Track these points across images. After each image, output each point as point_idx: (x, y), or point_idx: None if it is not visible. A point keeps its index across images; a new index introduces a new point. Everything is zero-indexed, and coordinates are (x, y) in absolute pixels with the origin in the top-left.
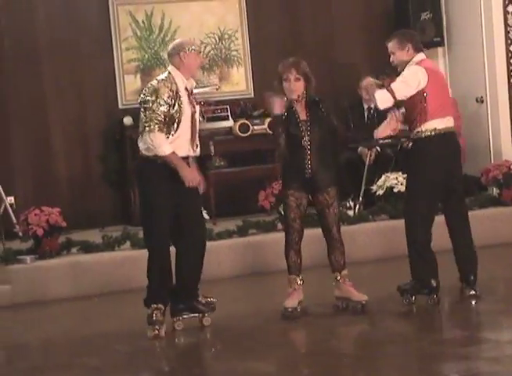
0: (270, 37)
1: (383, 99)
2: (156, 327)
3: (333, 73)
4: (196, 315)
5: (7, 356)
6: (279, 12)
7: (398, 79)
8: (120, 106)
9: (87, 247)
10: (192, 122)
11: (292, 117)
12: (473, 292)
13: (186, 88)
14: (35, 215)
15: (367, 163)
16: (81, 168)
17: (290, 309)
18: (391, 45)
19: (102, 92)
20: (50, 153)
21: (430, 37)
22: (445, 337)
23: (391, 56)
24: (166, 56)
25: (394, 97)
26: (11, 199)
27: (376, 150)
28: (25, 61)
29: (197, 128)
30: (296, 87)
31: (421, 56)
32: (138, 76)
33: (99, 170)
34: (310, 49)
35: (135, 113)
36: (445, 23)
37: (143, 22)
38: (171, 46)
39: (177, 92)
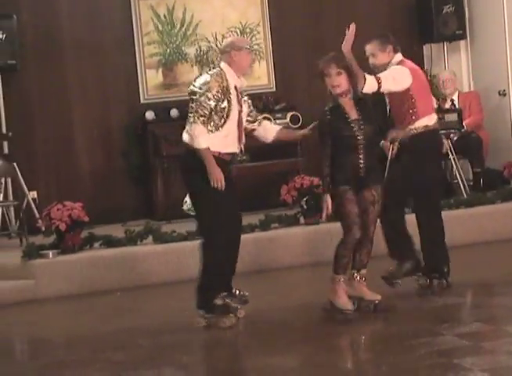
0: (292, 31)
1: (370, 84)
2: (232, 314)
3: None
4: None
5: (31, 351)
6: (301, 7)
7: (387, 72)
8: (142, 101)
9: (109, 242)
10: (238, 120)
11: (341, 117)
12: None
13: (236, 87)
14: (58, 209)
15: (389, 157)
16: (104, 163)
17: (349, 312)
18: (372, 48)
19: (124, 86)
20: (73, 148)
21: (453, 31)
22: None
23: (371, 58)
24: (187, 51)
25: (379, 87)
26: (34, 194)
27: (399, 143)
28: (48, 57)
29: (243, 127)
30: (338, 82)
31: (399, 56)
32: (160, 70)
33: (121, 165)
34: (332, 45)
35: (156, 107)
36: (467, 16)
37: (165, 16)
38: (223, 44)
39: (227, 89)
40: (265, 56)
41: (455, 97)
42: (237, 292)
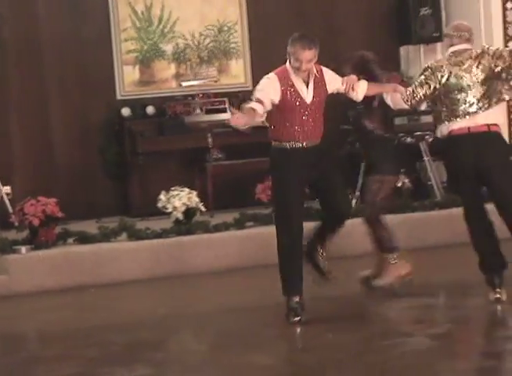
0: (270, 30)
1: None
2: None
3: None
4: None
5: (3, 347)
6: (280, 5)
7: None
8: (118, 97)
9: (83, 238)
10: None
11: None
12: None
13: None
14: (31, 205)
15: None
16: (80, 159)
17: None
18: (313, 53)
19: (102, 82)
20: (49, 143)
21: (430, 33)
22: None
23: (306, 64)
24: (165, 48)
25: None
26: (7, 189)
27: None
28: (26, 52)
29: None
30: None
31: None
32: (137, 67)
33: (98, 161)
34: None
35: (133, 104)
36: (444, 18)
37: (143, 13)
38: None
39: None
40: (242, 55)
41: None
42: None
